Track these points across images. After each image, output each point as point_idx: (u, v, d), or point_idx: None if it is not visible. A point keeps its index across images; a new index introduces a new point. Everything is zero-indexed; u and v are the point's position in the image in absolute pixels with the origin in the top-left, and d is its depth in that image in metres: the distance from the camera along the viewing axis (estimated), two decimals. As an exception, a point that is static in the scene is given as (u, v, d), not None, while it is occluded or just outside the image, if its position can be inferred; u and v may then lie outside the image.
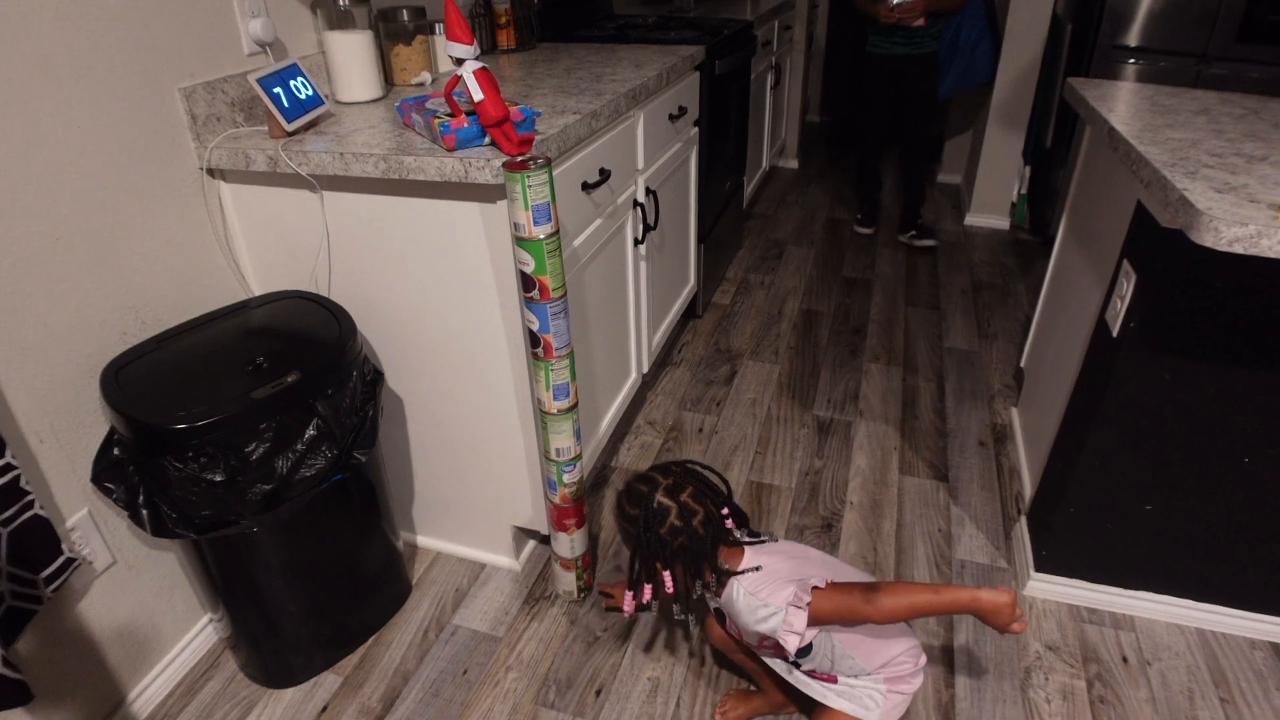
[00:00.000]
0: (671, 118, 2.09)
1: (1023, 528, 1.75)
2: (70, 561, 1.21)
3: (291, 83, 1.42)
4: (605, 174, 1.64)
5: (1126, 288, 1.36)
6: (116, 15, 1.24)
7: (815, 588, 1.12)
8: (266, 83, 1.37)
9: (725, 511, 1.22)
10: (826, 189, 4.27)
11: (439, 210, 1.34)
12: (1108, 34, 2.83)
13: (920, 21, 3.04)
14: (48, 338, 1.21)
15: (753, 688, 1.48)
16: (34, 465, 1.22)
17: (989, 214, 3.67)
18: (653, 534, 1.16)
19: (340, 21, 1.62)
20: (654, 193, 1.98)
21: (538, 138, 1.32)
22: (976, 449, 2.13)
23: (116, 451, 1.22)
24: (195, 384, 1.23)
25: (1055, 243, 2.06)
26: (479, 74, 1.21)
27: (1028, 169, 3.51)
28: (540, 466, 1.55)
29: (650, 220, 1.97)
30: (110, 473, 1.22)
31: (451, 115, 1.29)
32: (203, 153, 1.41)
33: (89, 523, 1.31)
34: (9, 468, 1.09)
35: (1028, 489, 1.90)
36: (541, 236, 1.22)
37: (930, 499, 1.95)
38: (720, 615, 1.32)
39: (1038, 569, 1.65)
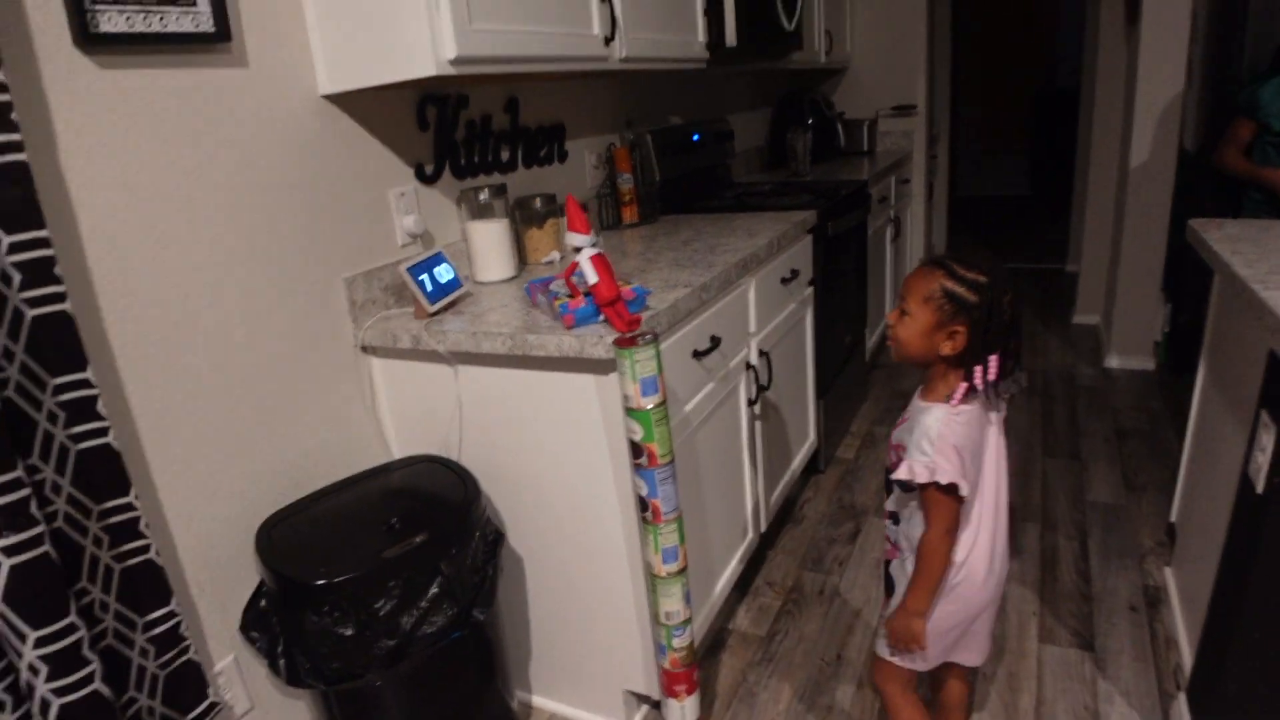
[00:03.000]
0: (784, 281, 2.18)
1: (1182, 705, 1.58)
2: (214, 706, 1.31)
3: (435, 269, 1.60)
4: (716, 340, 1.72)
5: (1267, 441, 1.28)
6: (299, 212, 1.49)
7: (955, 486, 1.16)
8: (414, 270, 1.56)
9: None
10: (954, 336, 4.21)
11: (558, 381, 1.45)
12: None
13: None
14: (215, 497, 1.37)
15: None
16: (192, 612, 1.35)
17: (1131, 355, 3.50)
18: (1001, 302, 1.15)
19: (481, 212, 1.83)
20: (767, 354, 2.05)
21: (649, 313, 1.43)
22: (1127, 614, 1.96)
23: (263, 603, 1.34)
24: (336, 542, 1.35)
25: (1195, 388, 1.96)
26: (595, 259, 1.34)
27: (1169, 305, 3.35)
28: (650, 630, 1.56)
29: (764, 381, 2.03)
30: (256, 622, 1.33)
31: (571, 296, 1.42)
32: (358, 333, 1.60)
33: (234, 669, 1.42)
34: (172, 615, 1.22)
35: (1187, 661, 1.72)
36: (649, 407, 1.30)
37: (1074, 671, 1.80)
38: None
39: (1203, 758, 1.48)
